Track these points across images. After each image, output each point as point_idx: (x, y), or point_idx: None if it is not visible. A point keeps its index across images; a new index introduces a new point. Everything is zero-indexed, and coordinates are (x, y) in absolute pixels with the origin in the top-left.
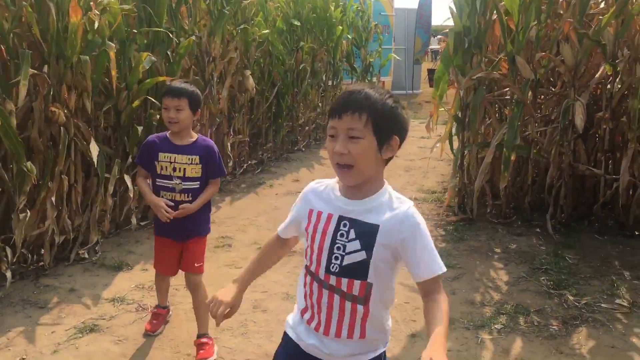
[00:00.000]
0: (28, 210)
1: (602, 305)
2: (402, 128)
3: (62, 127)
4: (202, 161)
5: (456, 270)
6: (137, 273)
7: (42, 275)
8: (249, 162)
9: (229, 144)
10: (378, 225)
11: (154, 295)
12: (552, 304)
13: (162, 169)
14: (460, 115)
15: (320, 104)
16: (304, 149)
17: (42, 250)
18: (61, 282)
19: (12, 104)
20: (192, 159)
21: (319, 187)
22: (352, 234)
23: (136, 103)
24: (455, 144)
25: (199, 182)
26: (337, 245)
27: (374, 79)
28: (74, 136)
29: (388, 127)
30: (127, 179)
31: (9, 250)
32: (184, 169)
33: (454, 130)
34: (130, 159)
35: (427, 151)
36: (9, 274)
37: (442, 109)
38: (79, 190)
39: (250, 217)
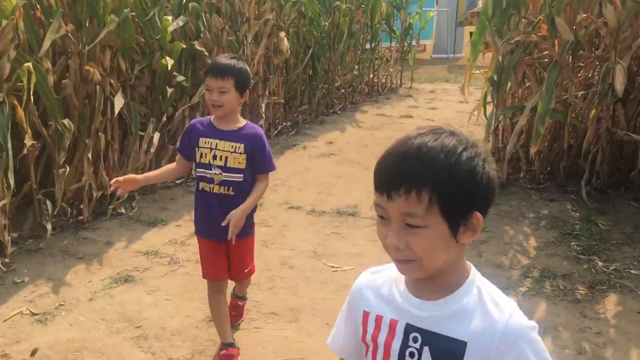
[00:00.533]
0: (67, 166)
1: (632, 271)
2: (485, 197)
3: (97, 86)
4: (248, 151)
5: (485, 234)
6: (170, 229)
7: (81, 228)
8: (284, 124)
9: (262, 105)
10: (465, 343)
11: (187, 250)
12: (580, 270)
13: (201, 156)
14: (495, 78)
15: (357, 67)
16: (339, 112)
17: (81, 205)
18: (98, 235)
19: (49, 62)
20: (235, 147)
21: (377, 279)
22: (426, 356)
23: (165, 62)
24: (490, 109)
25: (242, 175)
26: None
27: (414, 42)
28: (110, 94)
29: (464, 204)
30: (156, 137)
31: (49, 204)
32: (226, 157)
33: (489, 95)
34: (164, 118)
35: (465, 116)
36: (49, 226)
37: (478, 71)
38: (116, 147)
39: (282, 177)
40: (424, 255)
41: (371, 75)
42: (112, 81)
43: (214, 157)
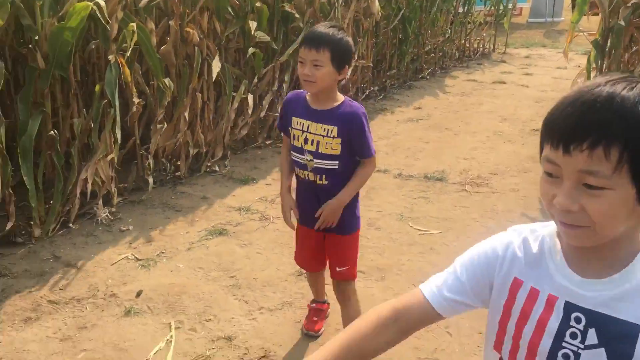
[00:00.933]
0: (165, 123)
1: None
2: None
3: (195, 47)
4: (343, 134)
5: None
6: (261, 187)
7: (179, 183)
8: (372, 88)
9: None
10: (639, 326)
11: (277, 208)
12: None
13: (294, 138)
14: (601, 41)
15: (449, 30)
16: (428, 77)
17: (179, 161)
18: (194, 190)
19: (152, 23)
20: (328, 129)
21: (530, 243)
22: (591, 337)
23: (249, 25)
24: (593, 75)
25: (337, 162)
26: (564, 351)
27: (509, 5)
28: (207, 56)
29: None
30: (250, 99)
31: (151, 159)
32: (317, 141)
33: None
34: (255, 79)
35: (562, 82)
36: (150, 180)
37: (582, 33)
38: (211, 107)
39: None
40: (602, 221)
41: (463, 40)
42: (209, 43)
43: (305, 140)
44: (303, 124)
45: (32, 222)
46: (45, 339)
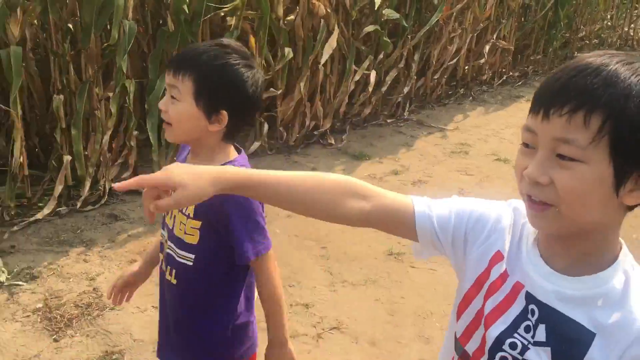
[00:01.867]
0: (283, 92)
1: None
2: None
3: (322, 20)
4: (202, 214)
5: None
6: (372, 164)
7: (293, 152)
8: (510, 73)
9: (486, 47)
10: (594, 335)
11: (383, 186)
12: None
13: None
14: None
15: (609, 16)
16: None
17: (294, 131)
18: (307, 161)
19: None
20: (189, 206)
21: (520, 220)
22: (540, 334)
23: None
24: None
25: (193, 257)
26: (511, 340)
27: None
28: (332, 30)
29: None
30: (372, 75)
31: (266, 126)
32: (174, 216)
33: None
34: (381, 55)
35: None
36: (267, 146)
37: None
38: (333, 80)
39: (495, 128)
40: (569, 199)
41: (626, 28)
42: (335, 17)
43: (169, 216)
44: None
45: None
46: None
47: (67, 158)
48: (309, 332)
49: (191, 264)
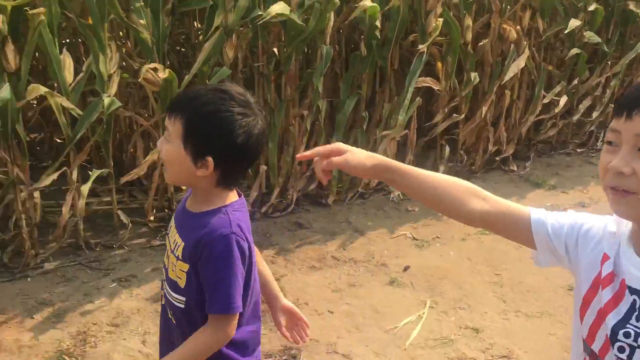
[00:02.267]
0: (466, 116)
1: None
2: None
3: (512, 44)
4: (188, 257)
5: None
6: (556, 194)
7: (473, 177)
8: None
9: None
10: None
11: None
12: None
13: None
14: None
15: None
16: None
17: (476, 155)
18: (486, 185)
19: (470, 19)
20: (177, 244)
21: (622, 226)
22: None
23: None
24: None
25: (184, 299)
26: (625, 330)
27: None
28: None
29: None
30: (562, 100)
31: (447, 149)
32: (168, 257)
33: None
34: (575, 81)
35: None
36: (442, 168)
37: None
38: (519, 105)
39: None
40: None
41: None
42: (526, 41)
43: (166, 254)
44: (172, 225)
45: (327, 192)
46: (321, 286)
47: (263, 168)
48: (478, 357)
49: (183, 306)
